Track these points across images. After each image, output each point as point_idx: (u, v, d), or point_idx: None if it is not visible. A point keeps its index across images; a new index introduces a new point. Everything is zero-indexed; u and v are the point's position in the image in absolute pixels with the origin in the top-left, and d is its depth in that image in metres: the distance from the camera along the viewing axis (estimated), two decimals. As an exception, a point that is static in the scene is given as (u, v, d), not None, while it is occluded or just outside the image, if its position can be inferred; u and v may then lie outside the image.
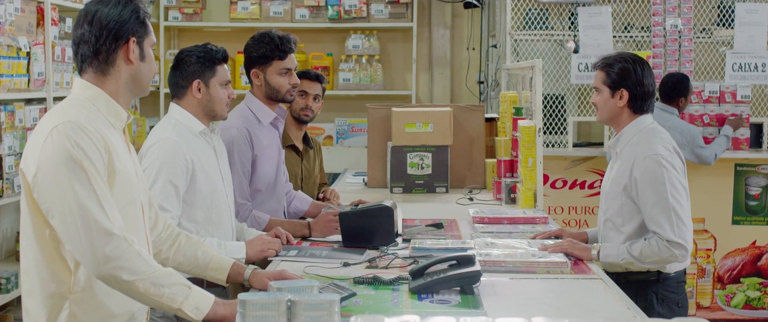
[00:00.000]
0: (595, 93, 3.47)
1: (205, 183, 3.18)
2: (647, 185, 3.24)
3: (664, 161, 3.24)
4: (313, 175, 4.56)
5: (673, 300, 3.38)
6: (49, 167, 2.23)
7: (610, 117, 3.43)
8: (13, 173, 4.40)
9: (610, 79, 3.38)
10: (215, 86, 3.25)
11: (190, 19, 7.03)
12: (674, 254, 3.22)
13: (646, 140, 3.32)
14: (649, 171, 3.24)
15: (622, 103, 3.37)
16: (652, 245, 3.24)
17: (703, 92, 6.05)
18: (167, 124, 3.21)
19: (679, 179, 3.28)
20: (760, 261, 6.14)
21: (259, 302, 2.03)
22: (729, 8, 6.19)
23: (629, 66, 3.38)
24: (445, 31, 7.35)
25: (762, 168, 6.09)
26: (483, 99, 7.08)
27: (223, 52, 3.29)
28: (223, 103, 3.28)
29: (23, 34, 4.54)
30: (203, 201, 3.17)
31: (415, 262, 3.03)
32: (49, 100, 4.75)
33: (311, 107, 4.40)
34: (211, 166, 3.25)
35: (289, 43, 3.76)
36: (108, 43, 2.36)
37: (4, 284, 4.48)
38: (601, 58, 3.47)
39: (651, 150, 3.26)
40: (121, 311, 2.38)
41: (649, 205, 3.23)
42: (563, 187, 6.09)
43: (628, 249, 3.27)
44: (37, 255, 2.31)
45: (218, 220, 3.24)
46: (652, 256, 3.24)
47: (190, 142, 3.17)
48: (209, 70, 3.24)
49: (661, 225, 3.20)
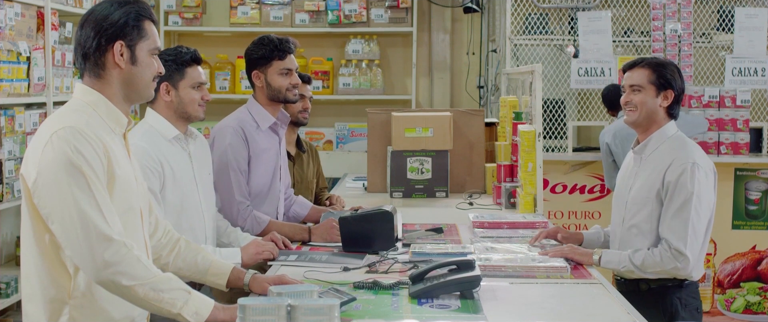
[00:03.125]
0: (631, 91, 3.36)
1: (174, 189, 3.18)
2: (677, 191, 3.21)
3: (699, 172, 3.22)
4: (307, 179, 4.55)
5: (694, 306, 3.38)
6: (49, 172, 2.23)
7: (648, 117, 3.35)
8: (13, 178, 4.40)
9: (659, 78, 3.33)
10: (185, 88, 3.25)
11: (190, 23, 7.03)
12: (677, 266, 3.20)
13: (682, 147, 3.29)
14: (682, 178, 3.21)
15: (665, 104, 3.34)
16: (655, 255, 3.22)
17: (703, 97, 6.06)
18: (138, 131, 3.21)
19: (708, 193, 3.26)
20: (760, 266, 6.14)
21: (259, 306, 2.04)
22: (729, 13, 6.19)
23: (675, 69, 3.38)
24: (445, 35, 7.35)
25: (762, 173, 6.09)
26: (483, 104, 7.08)
27: (192, 54, 3.28)
28: (196, 104, 3.26)
29: (23, 39, 4.54)
30: (172, 208, 3.17)
31: (414, 266, 3.03)
32: (49, 105, 4.75)
33: (308, 109, 4.42)
34: (183, 172, 3.24)
35: (288, 44, 3.78)
36: (96, 46, 2.34)
37: (4, 289, 4.47)
38: (642, 58, 3.42)
39: (690, 158, 3.23)
40: (121, 316, 2.38)
41: (671, 211, 3.21)
42: (563, 191, 6.09)
43: (631, 257, 3.26)
44: (38, 260, 2.31)
45: (189, 227, 3.22)
46: (653, 266, 3.23)
47: (160, 148, 3.17)
48: (177, 73, 3.25)
49: (677, 233, 3.19)
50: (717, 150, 6.03)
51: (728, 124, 6.03)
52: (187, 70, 3.27)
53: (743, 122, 6.01)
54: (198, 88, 3.28)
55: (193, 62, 3.29)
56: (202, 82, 3.30)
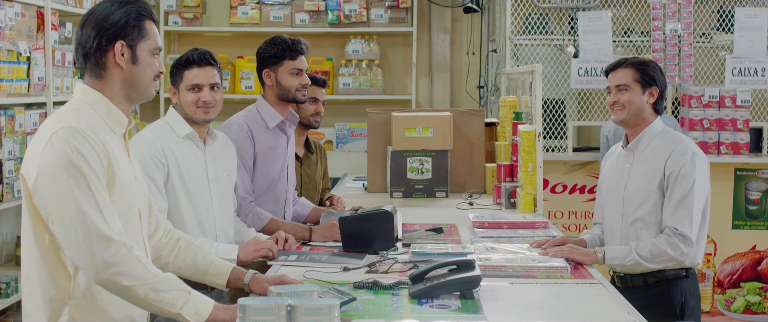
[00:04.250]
0: (617, 91, 3.49)
1: (179, 185, 3.23)
2: (679, 180, 3.32)
3: (698, 161, 3.35)
4: (315, 180, 4.56)
5: (697, 296, 3.48)
6: (49, 172, 2.23)
7: (636, 114, 3.47)
8: (13, 178, 4.40)
9: (644, 76, 3.45)
10: (183, 91, 3.34)
11: (190, 23, 7.03)
12: (683, 251, 3.29)
13: (678, 140, 3.43)
14: (685, 168, 3.32)
15: (651, 101, 3.46)
16: (662, 244, 3.30)
17: (703, 97, 6.05)
18: (152, 125, 3.36)
19: (706, 181, 3.38)
20: (760, 266, 6.14)
21: (259, 306, 2.04)
22: (729, 13, 6.19)
23: (657, 66, 3.51)
24: (445, 35, 7.35)
25: (762, 173, 6.09)
26: (483, 104, 7.08)
27: (188, 56, 3.35)
28: (193, 106, 3.32)
29: (23, 39, 4.54)
30: (176, 203, 3.22)
31: (414, 266, 3.03)
32: (49, 105, 4.75)
33: (321, 113, 4.44)
34: (193, 169, 3.29)
35: (300, 45, 3.83)
36: (96, 46, 2.35)
37: (4, 289, 4.47)
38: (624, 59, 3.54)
39: (690, 149, 3.37)
40: (121, 316, 2.38)
41: (675, 199, 3.31)
42: (563, 191, 6.09)
43: (636, 250, 3.32)
44: (38, 260, 2.31)
45: (198, 223, 3.27)
46: (660, 255, 3.30)
47: (169, 142, 3.25)
48: (178, 76, 3.35)
49: (681, 220, 3.29)
50: (717, 150, 6.02)
51: (728, 124, 6.02)
52: (185, 73, 3.34)
53: (743, 122, 6.01)
54: (195, 91, 3.30)
55: (189, 64, 3.34)
56: (197, 83, 3.32)
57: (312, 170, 4.54)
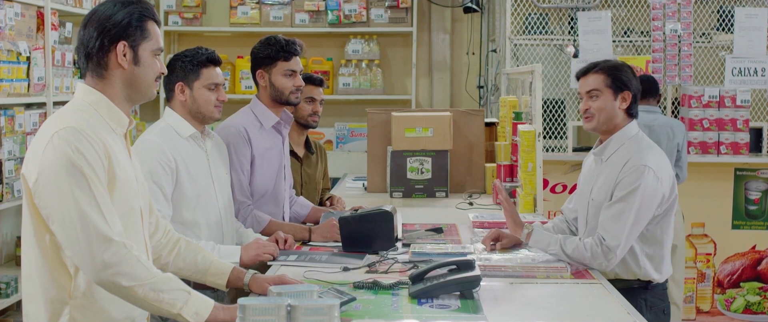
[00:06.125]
0: (588, 98, 3.34)
1: (189, 186, 3.23)
2: (622, 189, 3.16)
3: (647, 173, 3.15)
4: (315, 180, 4.55)
5: (660, 307, 3.36)
6: (50, 172, 2.23)
7: (607, 121, 3.31)
8: (13, 178, 4.40)
9: (615, 81, 3.30)
10: (199, 89, 3.30)
11: (190, 23, 7.03)
12: (603, 263, 3.14)
13: (637, 149, 3.25)
14: (629, 178, 3.16)
15: (624, 106, 3.30)
16: (586, 249, 3.15)
17: (703, 97, 6.06)
18: (155, 128, 3.31)
19: (655, 196, 3.18)
20: (760, 266, 6.14)
21: (259, 306, 2.04)
22: (729, 13, 6.20)
23: (629, 69, 3.35)
24: (444, 35, 7.35)
25: (762, 173, 6.09)
26: (483, 104, 7.08)
27: (209, 55, 3.33)
28: (211, 105, 3.31)
29: (23, 39, 4.54)
30: (188, 204, 3.22)
31: (414, 266, 3.03)
32: (49, 105, 4.75)
33: (318, 112, 4.42)
34: (199, 169, 3.29)
35: (294, 46, 3.80)
36: (99, 46, 2.35)
37: (4, 289, 4.47)
38: (594, 63, 3.38)
39: (642, 160, 3.18)
40: (121, 316, 2.38)
41: (614, 210, 3.15)
42: (563, 191, 6.09)
43: (562, 243, 3.19)
44: (38, 260, 2.31)
45: (206, 223, 3.28)
46: (581, 258, 3.15)
47: (175, 145, 3.23)
48: (192, 73, 3.30)
49: (611, 232, 3.12)
50: (717, 150, 6.03)
51: (728, 124, 6.03)
52: (203, 71, 3.31)
53: (743, 122, 6.02)
54: (213, 89, 3.31)
55: (210, 63, 3.33)
56: (218, 83, 3.33)
57: (312, 170, 4.53)
